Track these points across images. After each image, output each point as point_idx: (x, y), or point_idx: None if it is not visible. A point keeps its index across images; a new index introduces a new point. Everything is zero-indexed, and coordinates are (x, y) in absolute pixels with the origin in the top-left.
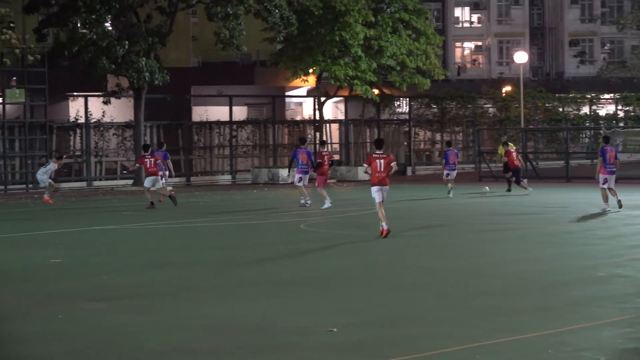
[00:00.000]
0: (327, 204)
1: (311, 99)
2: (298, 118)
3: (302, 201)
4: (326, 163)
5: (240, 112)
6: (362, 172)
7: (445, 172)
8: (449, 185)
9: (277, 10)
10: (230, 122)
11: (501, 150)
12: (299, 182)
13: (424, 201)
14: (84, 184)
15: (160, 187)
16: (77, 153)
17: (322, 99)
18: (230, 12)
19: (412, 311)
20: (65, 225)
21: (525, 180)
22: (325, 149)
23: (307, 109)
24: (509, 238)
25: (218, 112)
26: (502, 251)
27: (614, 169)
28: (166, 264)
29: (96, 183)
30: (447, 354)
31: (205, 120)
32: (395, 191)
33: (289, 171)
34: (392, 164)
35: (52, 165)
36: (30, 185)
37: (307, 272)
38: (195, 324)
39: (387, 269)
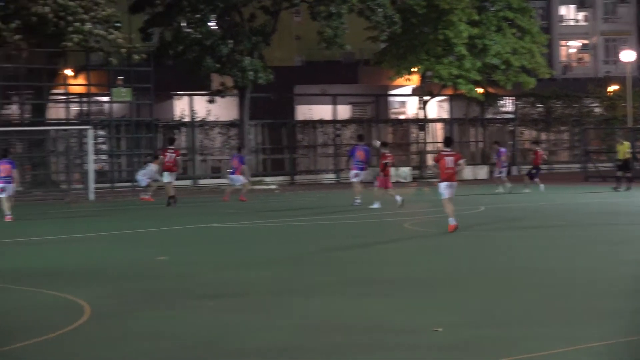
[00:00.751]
0: (376, 205)
1: (415, 98)
2: (402, 117)
3: (357, 201)
4: (389, 165)
5: (343, 111)
6: (465, 172)
7: (498, 170)
8: (505, 185)
9: (380, 9)
10: (334, 121)
11: (619, 147)
12: (354, 177)
13: (529, 200)
14: (189, 182)
15: (167, 182)
16: (183, 151)
17: (426, 98)
18: (334, 11)
19: (517, 312)
20: (170, 223)
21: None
22: (387, 150)
23: (411, 107)
24: (620, 239)
25: (322, 111)
26: (610, 252)
27: None
28: (270, 261)
29: (201, 181)
30: (555, 355)
31: (308, 119)
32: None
33: (348, 166)
34: (460, 161)
35: (152, 167)
36: (136, 183)
37: (411, 271)
38: (301, 323)
39: (491, 269)
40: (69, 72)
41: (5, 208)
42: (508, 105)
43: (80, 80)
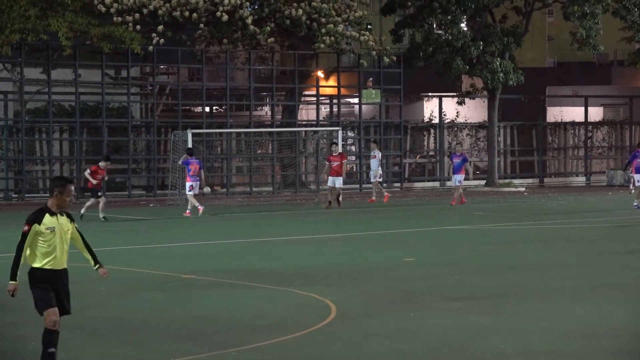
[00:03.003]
0: None
1: None
2: None
3: (636, 203)
4: None
5: (595, 113)
6: None
7: (637, 177)
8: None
9: (636, 9)
10: (586, 123)
11: None
12: (638, 182)
13: None
14: (436, 183)
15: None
16: (431, 153)
17: None
18: (588, 12)
19: None
20: (417, 224)
21: None
22: None
23: None
24: None
25: (573, 113)
26: None
27: None
28: (519, 265)
29: (449, 183)
30: None
31: (559, 121)
32: None
33: (624, 170)
34: None
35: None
36: (384, 185)
37: None
38: (550, 327)
39: None
40: (320, 73)
41: (190, 204)
42: None
43: (331, 82)
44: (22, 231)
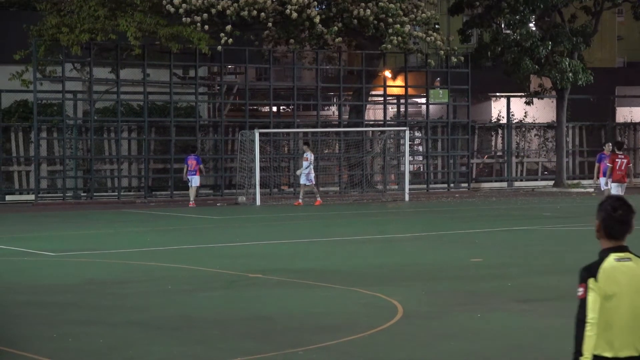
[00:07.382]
0: None
1: None
2: None
3: None
4: None
5: None
6: None
7: None
8: None
9: None
10: None
11: None
12: None
13: None
14: (504, 184)
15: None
16: (498, 153)
17: None
18: None
19: None
20: (484, 225)
21: None
22: None
23: None
24: None
25: None
26: None
27: None
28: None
29: (517, 184)
30: None
31: (629, 121)
32: None
33: None
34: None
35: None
36: (452, 185)
37: None
38: None
39: None
40: (387, 73)
41: (191, 196)
42: None
43: (398, 81)
44: (578, 297)
